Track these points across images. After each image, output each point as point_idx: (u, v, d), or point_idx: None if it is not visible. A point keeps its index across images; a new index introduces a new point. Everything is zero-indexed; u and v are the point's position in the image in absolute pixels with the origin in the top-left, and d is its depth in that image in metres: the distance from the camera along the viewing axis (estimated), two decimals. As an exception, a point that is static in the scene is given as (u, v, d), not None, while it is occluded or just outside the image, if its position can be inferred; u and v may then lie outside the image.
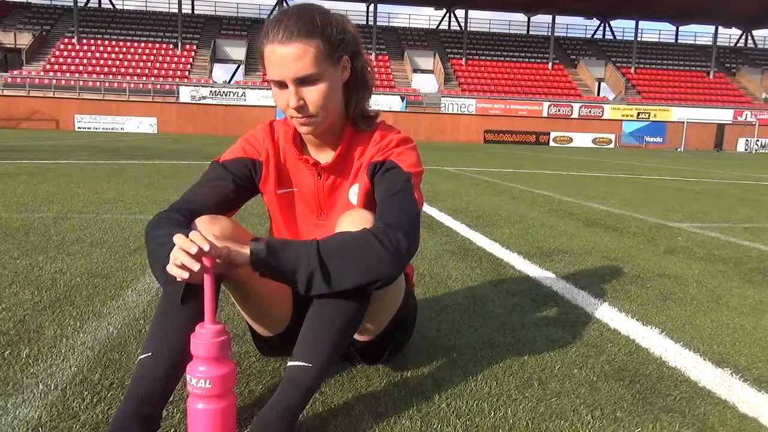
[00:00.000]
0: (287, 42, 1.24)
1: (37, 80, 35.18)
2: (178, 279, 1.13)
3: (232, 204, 1.47)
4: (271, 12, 44.86)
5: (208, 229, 1.25)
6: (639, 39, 47.43)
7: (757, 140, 40.65)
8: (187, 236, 1.10)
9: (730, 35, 51.42)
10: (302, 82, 1.28)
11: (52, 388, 1.44)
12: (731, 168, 14.85)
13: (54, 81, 35.16)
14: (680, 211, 5.47)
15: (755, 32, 51.30)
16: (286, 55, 1.25)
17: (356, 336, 1.45)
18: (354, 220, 1.30)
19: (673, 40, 51.16)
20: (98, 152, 11.67)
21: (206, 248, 1.09)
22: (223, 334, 1.11)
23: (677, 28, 50.44)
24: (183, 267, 1.09)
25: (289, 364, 1.22)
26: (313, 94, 1.29)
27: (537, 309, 2.25)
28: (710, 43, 47.71)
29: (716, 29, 46.50)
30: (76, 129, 34.08)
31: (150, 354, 1.21)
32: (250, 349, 1.70)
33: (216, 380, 1.09)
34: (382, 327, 1.50)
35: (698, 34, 51.27)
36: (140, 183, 6.12)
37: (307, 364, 1.20)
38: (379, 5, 43.12)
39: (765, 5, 40.89)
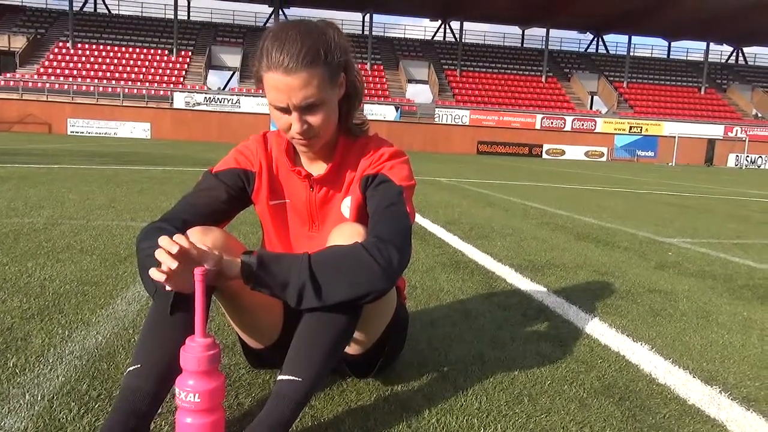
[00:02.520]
0: (292, 72, 1.23)
1: (30, 83, 35.04)
2: (166, 287, 1.13)
3: (225, 215, 1.47)
4: (267, 20, 45.00)
5: (201, 240, 1.24)
6: (632, 54, 47.91)
7: (747, 156, 41.06)
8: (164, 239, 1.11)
9: (721, 52, 52.04)
10: (306, 108, 1.28)
11: (39, 398, 1.42)
12: (722, 183, 14.98)
13: (47, 84, 35.04)
14: (671, 226, 5.50)
15: (746, 49, 51.95)
16: (292, 85, 1.24)
17: (347, 349, 1.45)
18: (346, 233, 1.30)
19: (665, 56, 51.74)
20: (90, 157, 11.62)
21: (185, 245, 1.10)
22: (212, 348, 1.10)
23: (669, 44, 51.03)
24: (165, 272, 1.09)
25: (279, 377, 1.21)
26: (317, 119, 1.30)
27: (528, 323, 2.26)
28: (701, 59, 48.26)
29: (707, 46, 47.07)
30: (69, 133, 33.93)
31: (139, 366, 1.20)
32: (240, 361, 1.69)
33: (205, 394, 1.08)
34: (373, 340, 1.49)
35: (690, 50, 52.10)
36: (132, 189, 6.10)
37: (297, 378, 1.19)
38: (375, 15, 43.38)
39: (755, 24, 41.46)
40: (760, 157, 41.73)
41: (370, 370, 1.57)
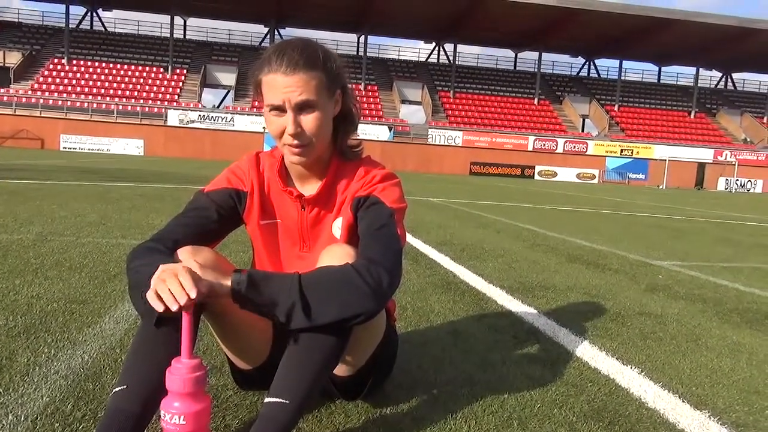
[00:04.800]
0: (292, 72, 1.27)
1: (24, 99, 35.03)
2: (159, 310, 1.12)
3: (215, 234, 1.46)
4: (262, 40, 45.36)
5: (190, 260, 1.24)
6: (623, 78, 48.56)
7: (737, 180, 41.49)
8: (173, 271, 1.10)
9: (710, 77, 52.87)
10: (302, 108, 1.30)
11: (22, 418, 1.40)
12: (712, 206, 15.10)
13: (41, 100, 35.04)
14: (661, 248, 5.53)
15: (735, 75, 52.78)
16: (290, 84, 1.27)
17: (335, 371, 1.44)
18: (336, 254, 1.30)
19: (656, 80, 52.43)
20: (82, 173, 11.58)
21: (193, 295, 1.07)
22: (198, 369, 1.09)
23: (660, 69, 51.76)
24: (161, 299, 1.08)
25: (267, 399, 1.20)
26: (311, 122, 1.31)
27: (518, 345, 2.25)
28: (691, 84, 48.95)
29: (697, 71, 47.78)
30: (62, 149, 33.85)
31: (125, 387, 1.19)
32: (228, 382, 1.67)
33: (191, 416, 1.07)
34: (362, 363, 1.49)
35: (680, 75, 52.63)
36: (123, 206, 6.07)
37: (284, 401, 1.18)
38: (369, 37, 43.80)
39: (743, 50, 42.20)
40: (750, 180, 42.19)
41: (359, 392, 1.56)
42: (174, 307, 1.07)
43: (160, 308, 1.08)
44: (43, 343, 1.92)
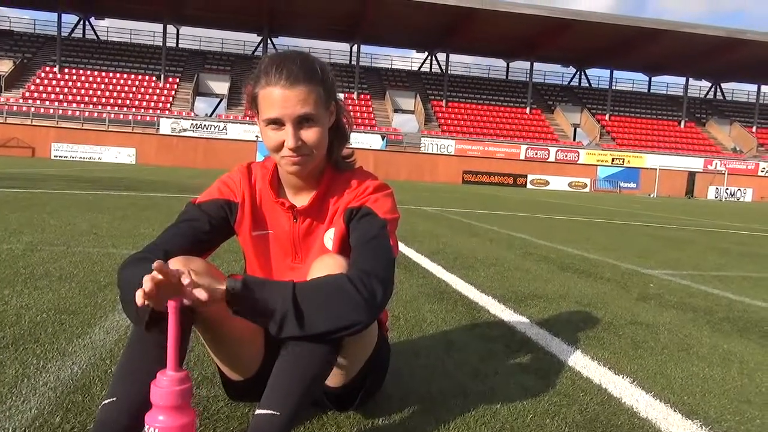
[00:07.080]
0: (292, 86, 1.28)
1: (15, 107, 34.86)
2: (138, 303, 1.10)
3: (207, 245, 1.46)
4: (255, 49, 45.43)
5: (183, 269, 1.23)
6: (613, 87, 48.95)
7: (727, 189, 41.82)
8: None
9: (700, 87, 53.40)
10: (301, 122, 1.30)
11: (10, 431, 1.38)
12: (702, 215, 15.20)
13: (32, 108, 34.88)
14: (652, 257, 5.56)
15: (724, 85, 53.33)
16: (291, 97, 1.28)
17: (327, 382, 1.43)
18: (327, 265, 1.30)
19: (646, 90, 52.89)
20: (74, 182, 11.51)
21: (166, 276, 1.07)
22: (181, 383, 1.06)
23: (650, 79, 52.25)
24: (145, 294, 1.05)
25: (257, 411, 1.20)
26: (311, 135, 1.32)
27: (511, 355, 2.25)
28: (681, 94, 49.40)
29: (687, 81, 48.26)
30: (53, 157, 33.67)
31: (114, 399, 1.18)
32: (219, 393, 1.66)
33: (171, 431, 1.04)
34: (353, 373, 1.48)
35: (670, 85, 53.11)
36: (115, 215, 6.04)
37: (274, 413, 1.18)
38: (362, 46, 43.98)
39: (732, 61, 42.68)
40: (739, 189, 42.53)
41: (351, 403, 1.56)
42: (147, 286, 1.03)
43: (139, 301, 1.05)
44: (32, 354, 1.90)
